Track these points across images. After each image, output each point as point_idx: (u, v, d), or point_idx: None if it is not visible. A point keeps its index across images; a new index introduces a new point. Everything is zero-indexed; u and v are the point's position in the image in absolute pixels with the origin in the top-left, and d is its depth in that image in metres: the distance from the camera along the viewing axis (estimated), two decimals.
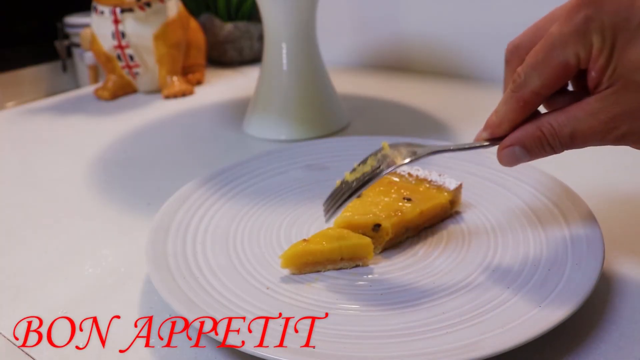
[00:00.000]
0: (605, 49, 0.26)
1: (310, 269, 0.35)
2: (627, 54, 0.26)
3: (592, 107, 0.28)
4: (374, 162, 0.33)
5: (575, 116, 0.28)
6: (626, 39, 0.26)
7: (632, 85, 0.26)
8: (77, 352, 0.30)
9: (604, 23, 0.26)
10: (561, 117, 0.29)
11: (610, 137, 0.28)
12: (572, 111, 0.28)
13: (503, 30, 0.84)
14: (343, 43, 0.97)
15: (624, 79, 0.26)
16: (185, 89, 0.81)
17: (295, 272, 0.35)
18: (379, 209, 0.38)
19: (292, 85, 0.61)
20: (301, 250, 0.34)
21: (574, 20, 0.27)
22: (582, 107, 0.28)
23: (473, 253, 0.36)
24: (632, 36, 0.26)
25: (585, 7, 0.26)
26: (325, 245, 0.35)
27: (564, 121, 0.29)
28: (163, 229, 0.38)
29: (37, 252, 0.41)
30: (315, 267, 0.35)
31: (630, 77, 0.26)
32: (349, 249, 0.35)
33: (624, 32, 0.26)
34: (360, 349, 0.27)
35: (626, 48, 0.26)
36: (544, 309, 0.29)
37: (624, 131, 0.27)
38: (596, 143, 0.29)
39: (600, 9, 0.26)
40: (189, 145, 0.63)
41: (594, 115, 0.28)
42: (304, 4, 0.58)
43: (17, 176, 0.56)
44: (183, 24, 0.82)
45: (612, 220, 0.40)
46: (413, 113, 0.69)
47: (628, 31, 0.26)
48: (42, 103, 0.81)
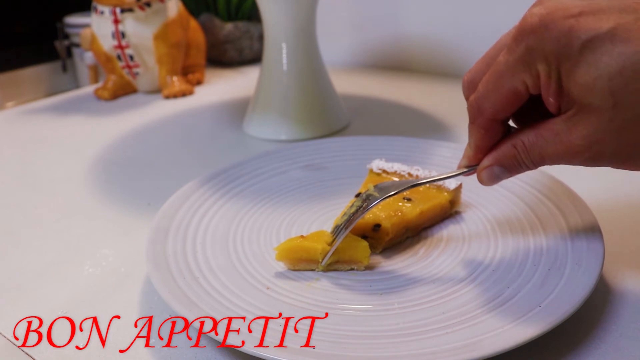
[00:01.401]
0: (553, 75, 0.26)
1: (304, 265, 0.35)
2: (574, 78, 0.26)
3: (557, 127, 0.28)
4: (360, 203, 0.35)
5: (543, 136, 0.28)
6: (571, 65, 0.26)
7: (587, 108, 0.26)
8: (77, 352, 0.30)
9: (545, 51, 0.26)
10: (531, 135, 0.29)
11: (576, 161, 0.28)
12: (541, 130, 0.28)
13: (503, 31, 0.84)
14: (343, 43, 0.97)
15: (578, 102, 0.26)
16: (185, 89, 0.81)
17: (290, 266, 0.35)
18: (379, 209, 0.38)
19: (292, 85, 0.61)
20: (296, 246, 0.34)
21: (517, 50, 0.27)
22: (549, 127, 0.28)
23: (473, 253, 0.36)
24: (576, 61, 0.25)
25: (526, 37, 0.26)
26: (321, 244, 0.34)
27: (534, 140, 0.29)
28: (163, 229, 0.38)
29: (37, 252, 0.41)
30: (309, 264, 0.35)
31: (583, 101, 0.26)
32: (344, 250, 0.35)
33: (567, 59, 0.26)
34: (360, 349, 0.27)
35: (572, 73, 0.26)
36: (544, 309, 0.29)
37: (588, 156, 0.27)
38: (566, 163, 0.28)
39: (540, 37, 0.26)
40: (189, 145, 0.63)
41: (559, 136, 0.28)
42: (304, 4, 0.58)
43: (17, 176, 0.56)
44: (183, 24, 0.82)
45: (612, 220, 0.40)
46: (413, 113, 0.69)
47: (571, 57, 0.25)
48: (42, 103, 0.82)
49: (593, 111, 0.26)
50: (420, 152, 0.50)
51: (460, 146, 0.50)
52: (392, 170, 0.43)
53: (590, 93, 0.25)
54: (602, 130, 0.26)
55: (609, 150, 0.26)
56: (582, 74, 0.25)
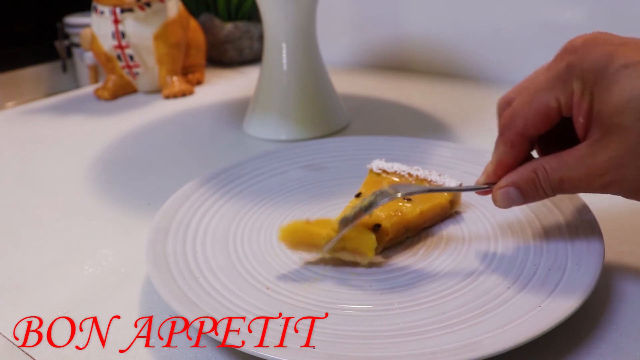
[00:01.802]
0: (587, 93, 0.27)
1: (305, 249, 0.35)
2: (606, 97, 0.27)
3: (581, 152, 0.28)
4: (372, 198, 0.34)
5: (566, 162, 0.29)
6: (606, 84, 0.27)
7: (615, 129, 0.26)
8: (77, 352, 0.30)
9: (583, 69, 0.27)
10: (554, 161, 0.29)
11: (596, 185, 0.28)
12: (564, 156, 0.29)
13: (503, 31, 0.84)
14: (343, 43, 0.97)
15: (607, 123, 0.27)
16: (185, 89, 0.81)
17: (289, 247, 0.35)
18: (379, 209, 0.38)
19: (292, 85, 0.61)
20: (301, 229, 0.34)
21: (556, 68, 0.29)
22: (573, 153, 0.29)
23: (473, 253, 0.36)
24: (611, 81, 0.26)
25: (567, 55, 0.28)
26: (326, 230, 0.34)
27: (556, 165, 0.29)
28: (163, 229, 0.38)
29: (37, 252, 0.41)
30: (310, 248, 0.34)
31: (613, 121, 0.26)
32: (351, 239, 0.34)
33: (603, 78, 0.27)
34: (360, 349, 0.27)
35: (606, 92, 0.27)
36: (544, 309, 0.29)
37: (609, 180, 0.27)
38: (584, 190, 0.29)
39: (581, 56, 0.27)
40: (189, 145, 0.63)
41: (582, 161, 0.28)
42: (304, 4, 0.58)
43: (17, 176, 0.56)
44: (183, 24, 0.82)
45: (612, 220, 0.40)
46: (413, 113, 0.69)
47: (607, 77, 0.27)
48: (42, 103, 0.82)
49: (621, 132, 0.26)
50: (420, 152, 0.50)
51: (460, 146, 0.50)
52: (392, 170, 0.43)
53: (621, 114, 0.26)
54: (628, 152, 0.26)
55: (631, 174, 0.27)
56: (615, 94, 0.26)
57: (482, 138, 0.59)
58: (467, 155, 0.48)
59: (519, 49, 0.78)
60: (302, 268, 0.35)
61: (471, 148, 0.49)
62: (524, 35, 0.77)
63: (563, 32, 0.74)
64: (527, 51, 0.77)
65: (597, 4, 0.71)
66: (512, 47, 0.79)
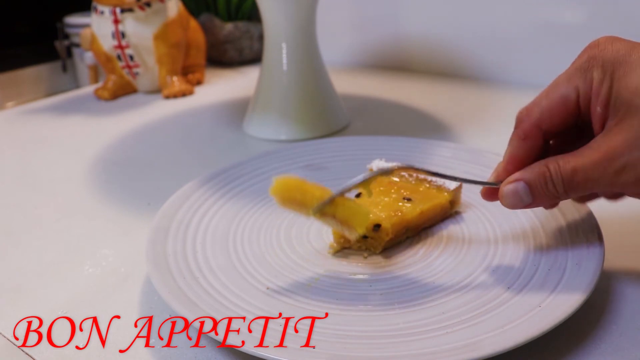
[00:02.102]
0: (607, 79, 0.28)
1: (295, 207, 0.33)
2: (626, 80, 0.27)
3: (597, 142, 0.28)
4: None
5: (580, 152, 0.29)
6: (627, 70, 0.27)
7: (633, 110, 0.27)
8: (77, 352, 0.30)
9: (604, 59, 0.28)
10: (567, 155, 0.29)
11: (610, 171, 0.28)
12: (579, 150, 0.29)
13: (503, 31, 0.84)
14: (343, 43, 0.97)
15: (626, 105, 0.27)
16: (185, 89, 0.81)
17: (280, 203, 0.33)
18: (379, 209, 0.38)
19: (292, 85, 0.61)
20: (295, 184, 0.32)
21: (578, 61, 0.29)
22: (589, 145, 0.29)
23: (473, 253, 0.36)
24: (631, 67, 0.27)
25: (589, 49, 0.29)
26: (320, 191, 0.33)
27: (569, 158, 0.29)
28: (163, 229, 0.38)
29: (37, 252, 0.41)
30: (300, 207, 0.33)
31: (632, 102, 0.27)
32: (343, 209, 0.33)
33: (625, 65, 0.27)
34: (360, 349, 0.27)
35: (625, 76, 0.27)
36: (544, 309, 0.29)
37: (624, 162, 0.27)
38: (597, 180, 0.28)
39: (602, 49, 0.28)
40: (189, 145, 0.63)
41: (597, 148, 0.28)
42: (304, 4, 0.58)
43: (17, 176, 0.56)
44: (183, 24, 0.82)
45: (612, 221, 0.40)
46: (413, 113, 0.69)
47: (627, 63, 0.27)
48: (42, 103, 0.82)
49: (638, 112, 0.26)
50: (420, 152, 0.50)
51: (460, 146, 0.50)
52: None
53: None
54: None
55: None
56: (635, 78, 0.27)
57: (482, 138, 0.59)
58: (467, 155, 0.48)
59: (519, 49, 0.78)
60: (302, 268, 0.35)
61: (471, 148, 0.49)
62: (524, 35, 0.77)
63: (563, 32, 0.74)
64: (527, 51, 0.77)
65: (597, 4, 0.71)
66: (512, 47, 0.79)
